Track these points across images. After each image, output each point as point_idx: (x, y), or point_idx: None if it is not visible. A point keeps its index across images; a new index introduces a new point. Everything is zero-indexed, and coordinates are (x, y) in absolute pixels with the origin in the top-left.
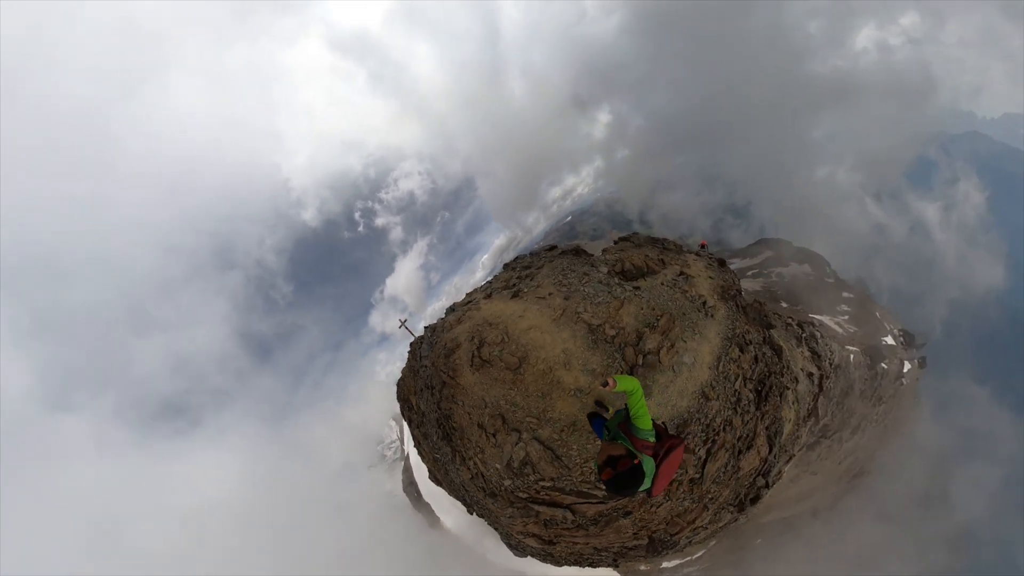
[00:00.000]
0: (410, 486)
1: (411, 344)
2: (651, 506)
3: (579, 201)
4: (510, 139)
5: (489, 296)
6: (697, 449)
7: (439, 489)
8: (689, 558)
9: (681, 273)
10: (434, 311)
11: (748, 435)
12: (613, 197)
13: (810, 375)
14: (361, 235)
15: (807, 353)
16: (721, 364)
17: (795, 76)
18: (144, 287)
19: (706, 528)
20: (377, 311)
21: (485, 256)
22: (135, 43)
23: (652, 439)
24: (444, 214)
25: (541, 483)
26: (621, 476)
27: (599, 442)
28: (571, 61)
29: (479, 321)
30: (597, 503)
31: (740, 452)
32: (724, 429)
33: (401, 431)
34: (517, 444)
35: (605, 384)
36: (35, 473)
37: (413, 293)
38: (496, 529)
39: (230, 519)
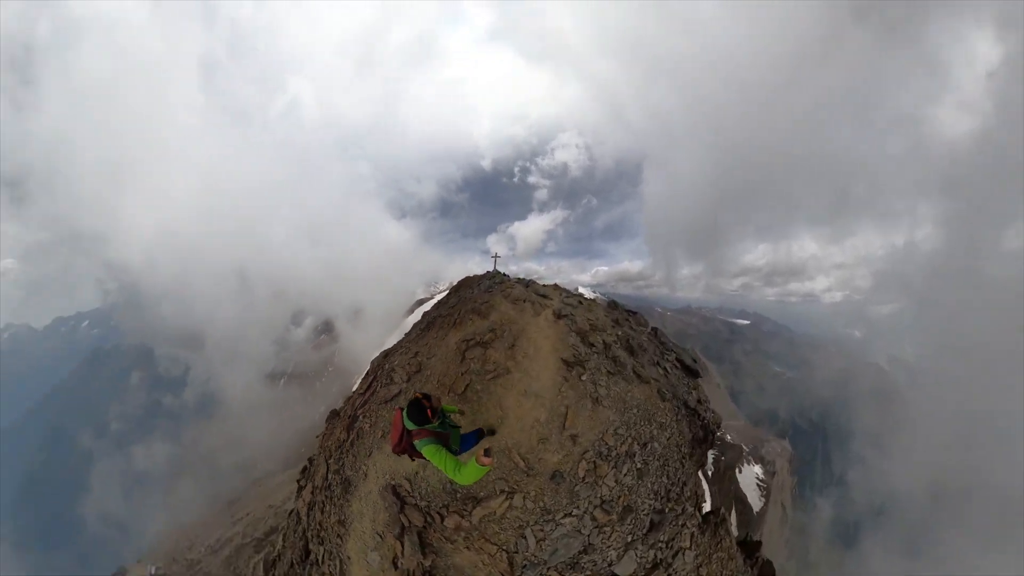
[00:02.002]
0: (415, 300)
1: (488, 271)
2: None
3: (795, 312)
4: (707, 102)
5: (559, 317)
6: None
7: (417, 316)
8: None
9: None
10: (525, 269)
11: None
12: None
13: None
14: (514, 184)
15: None
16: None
17: None
18: (419, 171)
19: None
20: (495, 235)
21: (605, 268)
22: (402, 77)
23: (427, 446)
24: (591, 199)
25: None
26: (420, 402)
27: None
28: None
29: (519, 327)
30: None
31: None
32: None
33: (444, 291)
34: (400, 395)
35: (487, 454)
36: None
37: (525, 244)
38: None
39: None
